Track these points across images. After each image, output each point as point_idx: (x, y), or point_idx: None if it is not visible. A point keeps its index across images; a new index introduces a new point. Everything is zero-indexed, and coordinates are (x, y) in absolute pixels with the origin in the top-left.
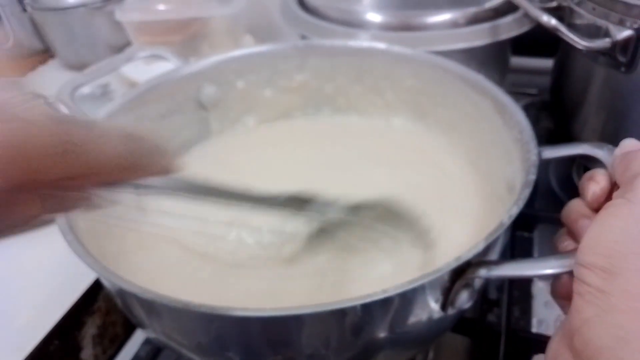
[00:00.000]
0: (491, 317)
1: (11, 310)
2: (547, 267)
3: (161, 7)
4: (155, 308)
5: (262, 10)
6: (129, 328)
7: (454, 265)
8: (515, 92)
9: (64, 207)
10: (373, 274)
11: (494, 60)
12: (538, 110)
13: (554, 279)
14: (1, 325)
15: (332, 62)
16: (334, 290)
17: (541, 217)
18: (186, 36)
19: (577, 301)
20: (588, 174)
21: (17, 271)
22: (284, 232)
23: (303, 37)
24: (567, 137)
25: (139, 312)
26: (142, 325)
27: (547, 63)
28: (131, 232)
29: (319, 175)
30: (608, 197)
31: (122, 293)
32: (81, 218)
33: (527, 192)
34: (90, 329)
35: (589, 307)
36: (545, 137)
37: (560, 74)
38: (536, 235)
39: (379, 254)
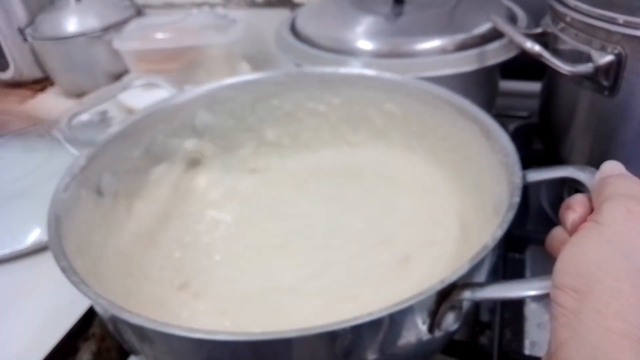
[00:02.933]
0: (483, 340)
1: (6, 336)
2: (531, 289)
3: (159, 35)
4: (145, 333)
5: (257, 39)
6: (124, 354)
7: (439, 287)
8: (506, 115)
9: None
10: None
11: (482, 85)
12: (529, 133)
13: None
14: None
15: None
16: None
17: (533, 238)
18: (184, 64)
19: (552, 324)
20: (565, 202)
21: (11, 297)
22: None
23: (297, 65)
24: (557, 159)
25: (130, 338)
26: (134, 351)
27: (536, 86)
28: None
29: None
30: None
31: (113, 318)
32: (73, 244)
33: (510, 215)
34: (85, 355)
35: (562, 329)
36: (536, 159)
37: (547, 97)
38: (528, 256)
39: None
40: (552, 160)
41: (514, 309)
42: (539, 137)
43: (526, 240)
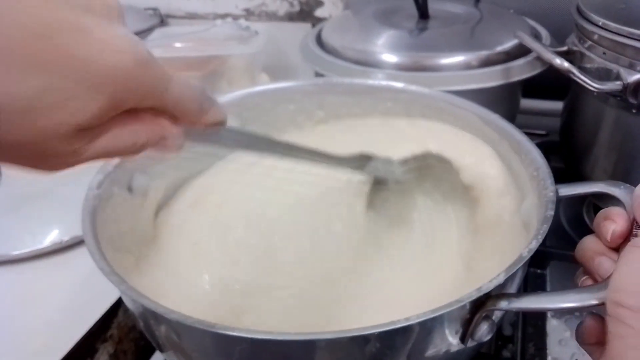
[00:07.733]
0: (506, 354)
1: (25, 335)
2: (567, 301)
3: (181, 44)
4: (178, 329)
5: (278, 51)
6: (141, 356)
7: (475, 296)
8: (524, 133)
9: (157, 142)
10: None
11: (505, 101)
12: (547, 151)
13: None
14: (15, 350)
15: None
16: None
17: (553, 254)
18: (205, 73)
19: (618, 345)
20: (603, 212)
21: (30, 297)
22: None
23: (318, 75)
24: (578, 177)
25: (161, 334)
26: (162, 348)
27: (554, 105)
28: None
29: None
30: (627, 235)
31: (145, 314)
32: (105, 240)
33: (545, 228)
34: (102, 357)
35: (633, 352)
36: (556, 177)
37: (570, 115)
38: (548, 272)
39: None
40: (572, 178)
41: (536, 324)
42: (560, 154)
43: (547, 255)
